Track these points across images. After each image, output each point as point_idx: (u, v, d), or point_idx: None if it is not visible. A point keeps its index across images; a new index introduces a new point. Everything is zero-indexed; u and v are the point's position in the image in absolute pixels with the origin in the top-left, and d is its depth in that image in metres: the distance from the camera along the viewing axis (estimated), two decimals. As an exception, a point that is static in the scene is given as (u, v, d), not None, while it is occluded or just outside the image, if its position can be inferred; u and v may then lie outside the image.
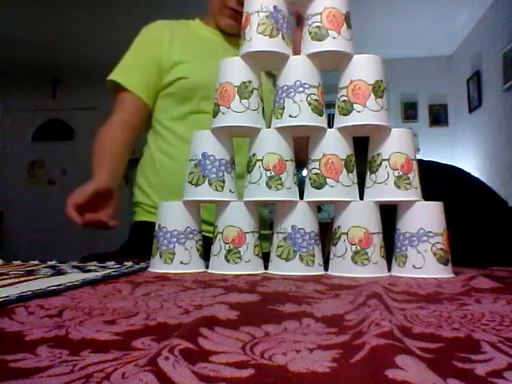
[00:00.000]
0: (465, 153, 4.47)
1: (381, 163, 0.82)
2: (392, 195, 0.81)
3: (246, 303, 0.52)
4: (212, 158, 0.84)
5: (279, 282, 0.70)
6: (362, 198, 0.85)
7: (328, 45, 0.83)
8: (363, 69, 0.83)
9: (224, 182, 0.84)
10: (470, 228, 1.18)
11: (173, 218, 0.85)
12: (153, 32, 1.28)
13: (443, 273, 0.78)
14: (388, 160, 0.82)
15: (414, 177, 0.83)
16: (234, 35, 1.27)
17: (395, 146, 0.82)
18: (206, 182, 0.84)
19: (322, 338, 0.36)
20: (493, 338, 0.36)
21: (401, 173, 0.81)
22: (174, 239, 0.83)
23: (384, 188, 0.82)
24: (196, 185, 0.84)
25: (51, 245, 4.71)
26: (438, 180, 1.29)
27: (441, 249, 0.78)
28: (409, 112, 4.88)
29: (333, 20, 0.84)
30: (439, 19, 4.01)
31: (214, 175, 0.84)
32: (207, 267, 0.85)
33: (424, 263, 0.78)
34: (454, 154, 4.55)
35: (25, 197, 5.24)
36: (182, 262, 0.82)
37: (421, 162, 1.46)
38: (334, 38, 0.83)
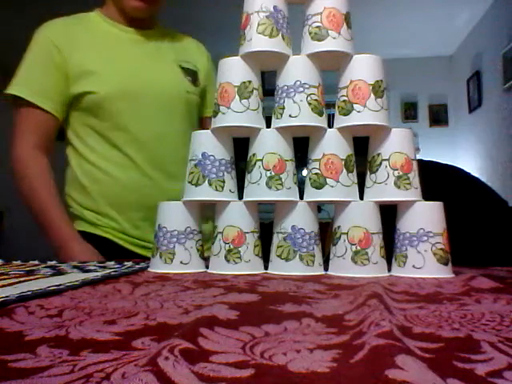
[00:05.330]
0: (465, 153, 4.47)
1: (381, 163, 0.82)
2: (392, 195, 0.81)
3: (245, 303, 0.52)
4: (212, 158, 0.84)
5: (279, 282, 0.70)
6: (362, 197, 0.85)
7: (328, 45, 0.83)
8: (363, 69, 0.83)
9: (224, 181, 0.84)
10: (470, 228, 1.18)
11: (173, 217, 0.85)
12: (48, 35, 1.12)
13: (443, 273, 0.78)
14: (388, 160, 0.82)
15: (414, 177, 0.83)
16: (142, 24, 1.18)
17: (395, 145, 0.82)
18: (206, 182, 0.84)
19: (322, 338, 0.36)
20: (493, 338, 0.36)
21: (401, 173, 0.81)
22: (174, 239, 0.83)
23: (384, 188, 0.82)
24: (196, 185, 0.84)
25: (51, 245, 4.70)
26: (438, 180, 1.29)
27: (441, 249, 0.78)
28: (409, 112, 4.88)
29: (333, 20, 0.84)
30: (439, 19, 4.01)
31: (214, 175, 0.84)
32: (207, 267, 0.85)
33: (424, 263, 0.78)
34: (454, 153, 4.54)
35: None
36: (181, 262, 0.82)
37: (421, 162, 1.46)
38: (334, 38, 0.83)
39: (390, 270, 0.82)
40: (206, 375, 0.28)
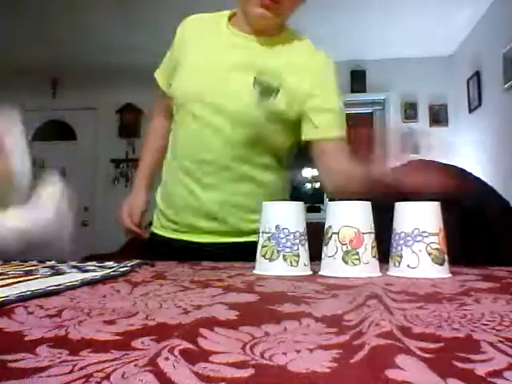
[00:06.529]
0: (465, 153, 4.47)
1: (331, 236, 0.80)
2: (340, 271, 0.78)
3: (245, 303, 0.51)
4: (286, 230, 0.81)
5: (277, 281, 0.70)
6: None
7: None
8: None
9: (299, 256, 0.81)
10: (472, 228, 1.18)
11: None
12: (180, 28, 1.25)
13: (438, 273, 0.77)
14: (337, 233, 0.79)
15: (365, 251, 0.78)
16: (262, 32, 1.13)
17: (345, 219, 0.80)
18: (281, 256, 0.80)
19: (322, 338, 0.36)
20: (493, 338, 0.36)
21: (349, 247, 0.78)
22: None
23: (333, 262, 0.79)
24: (270, 259, 0.81)
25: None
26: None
27: (436, 249, 0.78)
28: (409, 112, 4.88)
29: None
30: (439, 19, 4.01)
31: (289, 249, 0.81)
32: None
33: (418, 263, 0.77)
34: (454, 154, 4.54)
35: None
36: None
37: (422, 162, 1.46)
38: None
39: (387, 270, 0.82)
40: (206, 375, 0.28)
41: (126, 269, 0.81)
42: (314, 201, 5.11)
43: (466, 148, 4.47)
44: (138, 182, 1.35)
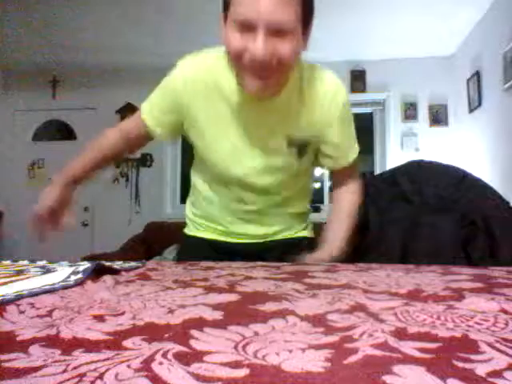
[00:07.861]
0: (465, 153, 4.46)
1: None
2: None
3: (226, 303, 0.51)
4: None
5: (261, 281, 0.69)
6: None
7: None
8: None
9: None
10: (473, 228, 1.18)
11: None
12: (178, 81, 1.10)
13: None
14: None
15: None
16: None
17: None
18: None
19: (312, 338, 0.36)
20: (489, 338, 0.35)
21: None
22: None
23: None
24: None
25: (51, 245, 4.71)
26: (441, 181, 1.28)
27: None
28: (409, 112, 4.87)
29: None
30: (439, 19, 4.01)
31: None
32: None
33: None
34: (454, 153, 4.54)
35: (25, 197, 5.22)
36: None
37: (423, 163, 1.46)
38: None
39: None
40: (202, 375, 0.28)
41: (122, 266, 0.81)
42: (314, 201, 5.10)
43: (466, 148, 4.47)
44: (62, 175, 1.20)
